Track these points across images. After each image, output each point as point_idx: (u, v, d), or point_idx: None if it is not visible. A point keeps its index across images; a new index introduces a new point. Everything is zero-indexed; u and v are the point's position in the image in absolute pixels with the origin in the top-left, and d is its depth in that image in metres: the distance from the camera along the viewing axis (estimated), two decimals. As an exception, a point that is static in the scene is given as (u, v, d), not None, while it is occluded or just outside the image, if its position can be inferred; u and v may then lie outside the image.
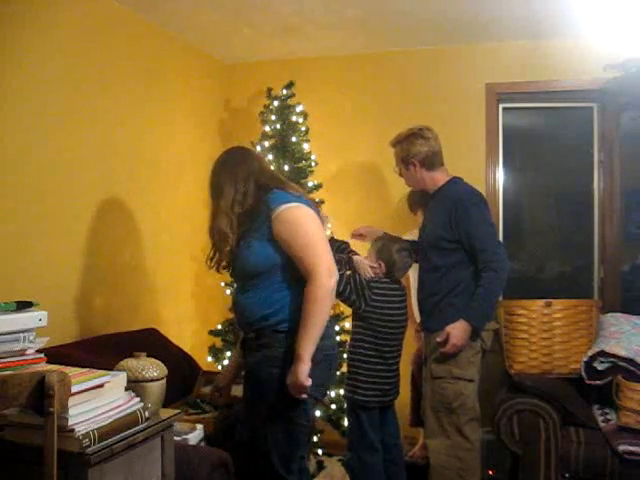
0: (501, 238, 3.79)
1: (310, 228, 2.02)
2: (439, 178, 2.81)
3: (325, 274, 1.96)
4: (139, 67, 3.32)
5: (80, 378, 1.65)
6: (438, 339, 2.62)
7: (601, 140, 3.71)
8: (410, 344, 3.22)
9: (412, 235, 3.12)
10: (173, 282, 3.64)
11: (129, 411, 1.76)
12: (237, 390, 2.89)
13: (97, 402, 1.68)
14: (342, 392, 2.94)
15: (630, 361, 2.84)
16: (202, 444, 2.45)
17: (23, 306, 1.71)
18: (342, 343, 3.14)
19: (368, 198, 3.93)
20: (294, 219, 2.01)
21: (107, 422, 1.67)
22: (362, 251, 2.96)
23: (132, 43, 3.27)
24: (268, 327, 2.05)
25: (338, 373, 3.10)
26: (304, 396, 1.96)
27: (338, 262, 2.40)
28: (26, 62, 2.59)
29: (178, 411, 2.01)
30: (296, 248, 1.98)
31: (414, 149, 2.79)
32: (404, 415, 3.21)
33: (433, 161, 2.80)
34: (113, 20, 3.11)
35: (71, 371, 1.67)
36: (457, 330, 2.59)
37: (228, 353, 3.35)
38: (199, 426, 2.48)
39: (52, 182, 2.73)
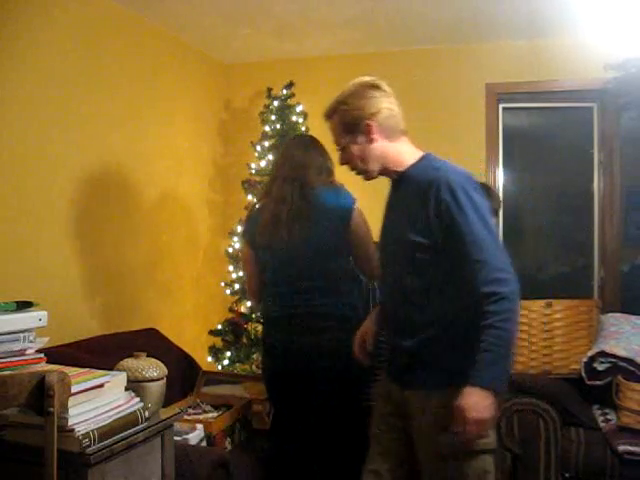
0: (501, 238, 3.79)
1: None
2: (406, 153, 1.85)
3: None
4: (138, 67, 3.32)
5: (80, 378, 1.65)
6: (456, 430, 1.64)
7: (601, 140, 3.71)
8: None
9: None
10: (173, 282, 3.64)
11: (129, 411, 1.76)
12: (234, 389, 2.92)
13: (97, 402, 1.68)
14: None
15: (630, 361, 2.84)
16: (202, 444, 2.45)
17: (23, 306, 1.71)
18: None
19: (368, 198, 3.91)
20: None
21: (107, 422, 1.67)
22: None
23: (131, 43, 3.27)
24: None
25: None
26: None
27: None
28: (25, 62, 2.59)
29: (178, 411, 2.01)
30: None
31: (370, 105, 1.82)
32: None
33: (395, 126, 1.85)
34: (113, 20, 3.11)
35: (71, 371, 1.67)
36: (470, 401, 1.61)
37: (228, 353, 3.36)
38: (199, 426, 2.48)
39: (51, 182, 2.73)
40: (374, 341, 2.04)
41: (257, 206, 2.50)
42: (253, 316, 3.33)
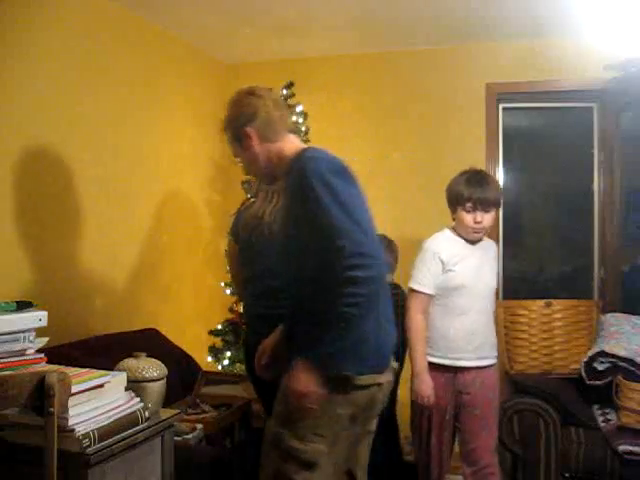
0: (501, 238, 3.79)
1: None
2: (287, 149, 1.89)
3: None
4: (139, 67, 3.32)
5: (80, 378, 1.65)
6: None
7: (601, 140, 3.71)
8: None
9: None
10: (173, 282, 3.64)
11: (129, 411, 1.76)
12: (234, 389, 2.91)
13: (97, 402, 1.68)
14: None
15: (630, 361, 2.84)
16: (202, 444, 2.45)
17: (23, 306, 1.71)
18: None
19: (368, 198, 3.92)
20: None
21: (107, 422, 1.67)
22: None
23: (132, 43, 3.27)
24: None
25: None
26: None
27: None
28: (25, 61, 2.59)
29: (178, 411, 2.01)
30: None
31: (245, 112, 1.89)
32: (405, 415, 3.21)
33: (275, 127, 1.90)
34: (113, 20, 3.11)
35: (71, 371, 1.67)
36: (292, 371, 1.68)
37: (228, 353, 3.36)
38: (199, 426, 2.48)
39: (51, 182, 2.73)
40: (272, 355, 2.00)
41: (247, 203, 2.61)
42: (253, 316, 3.34)
